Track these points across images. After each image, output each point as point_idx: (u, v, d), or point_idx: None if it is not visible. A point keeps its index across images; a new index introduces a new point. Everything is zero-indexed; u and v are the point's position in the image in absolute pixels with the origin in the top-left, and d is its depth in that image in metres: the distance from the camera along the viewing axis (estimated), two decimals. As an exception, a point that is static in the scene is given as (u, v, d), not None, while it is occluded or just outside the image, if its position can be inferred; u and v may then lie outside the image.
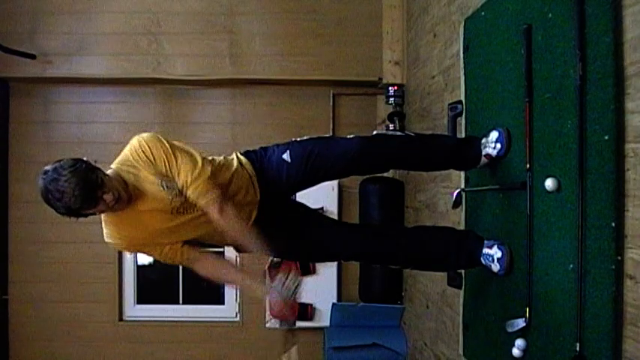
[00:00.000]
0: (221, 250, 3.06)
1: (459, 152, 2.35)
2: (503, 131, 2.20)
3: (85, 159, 1.90)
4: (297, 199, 2.92)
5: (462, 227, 2.68)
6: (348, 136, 2.27)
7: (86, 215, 1.91)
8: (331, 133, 4.35)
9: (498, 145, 2.21)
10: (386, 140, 2.30)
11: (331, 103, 4.49)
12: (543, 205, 1.95)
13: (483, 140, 2.28)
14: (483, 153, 2.27)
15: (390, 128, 4.15)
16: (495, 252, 2.20)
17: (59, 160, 1.86)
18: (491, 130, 2.26)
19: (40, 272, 4.43)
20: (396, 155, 2.31)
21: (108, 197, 1.88)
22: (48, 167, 1.85)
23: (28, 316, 4.43)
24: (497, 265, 2.18)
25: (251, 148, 2.30)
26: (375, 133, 2.31)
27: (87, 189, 1.81)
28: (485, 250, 2.24)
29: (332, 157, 2.20)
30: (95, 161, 1.94)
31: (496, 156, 2.23)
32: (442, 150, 2.36)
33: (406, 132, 2.40)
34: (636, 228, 1.54)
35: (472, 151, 2.31)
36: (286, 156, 2.20)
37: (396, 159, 2.36)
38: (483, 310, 2.47)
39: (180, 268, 4.63)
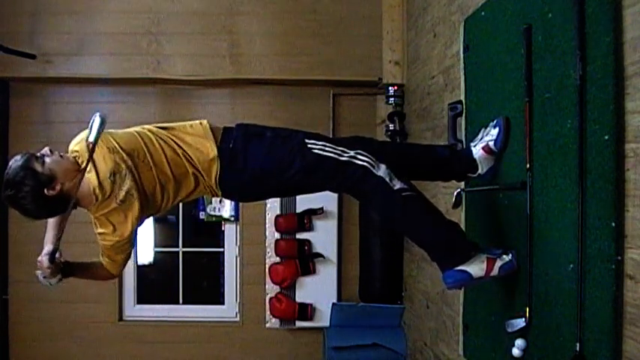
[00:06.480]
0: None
1: (445, 168, 2.35)
2: (502, 118, 2.19)
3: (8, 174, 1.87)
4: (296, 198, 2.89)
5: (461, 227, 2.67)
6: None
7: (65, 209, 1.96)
8: (331, 134, 4.34)
9: (496, 131, 2.19)
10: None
11: (331, 103, 4.48)
12: (543, 205, 1.95)
13: (481, 133, 2.28)
14: (481, 145, 2.26)
15: (390, 128, 4.15)
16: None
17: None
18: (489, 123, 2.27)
19: (40, 272, 4.43)
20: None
21: (59, 188, 1.90)
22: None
23: (28, 316, 4.42)
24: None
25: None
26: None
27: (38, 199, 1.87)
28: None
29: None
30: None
31: (494, 145, 2.21)
32: (429, 167, 2.35)
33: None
34: (636, 228, 1.54)
35: (459, 166, 2.31)
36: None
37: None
38: (483, 310, 2.47)
39: (181, 268, 4.65)
